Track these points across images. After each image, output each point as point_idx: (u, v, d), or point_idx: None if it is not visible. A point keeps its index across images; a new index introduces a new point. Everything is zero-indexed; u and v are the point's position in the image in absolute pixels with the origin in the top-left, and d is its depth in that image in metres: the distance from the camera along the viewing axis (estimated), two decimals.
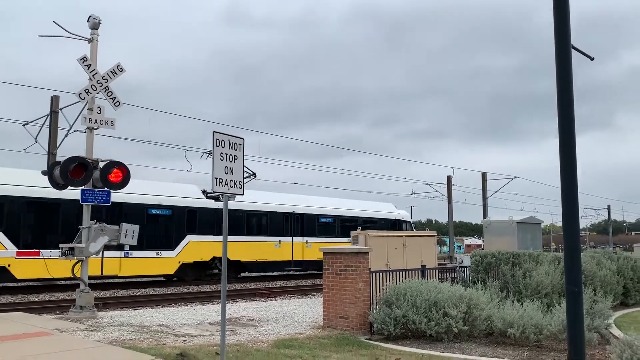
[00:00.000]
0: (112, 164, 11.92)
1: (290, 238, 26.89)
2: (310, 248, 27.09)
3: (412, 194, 45.48)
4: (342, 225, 29.35)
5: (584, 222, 53.80)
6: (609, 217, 72.35)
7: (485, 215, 38.76)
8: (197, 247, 23.19)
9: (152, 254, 21.89)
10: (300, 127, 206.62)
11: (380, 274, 10.50)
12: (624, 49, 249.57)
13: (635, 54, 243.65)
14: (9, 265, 18.28)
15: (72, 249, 11.54)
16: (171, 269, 22.45)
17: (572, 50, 4.36)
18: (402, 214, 33.73)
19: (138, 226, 12.24)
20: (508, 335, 8.96)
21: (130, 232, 11.88)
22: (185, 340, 8.68)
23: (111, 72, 12.32)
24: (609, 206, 72.15)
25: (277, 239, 26.41)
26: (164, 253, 22.19)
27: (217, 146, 6.54)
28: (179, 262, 22.63)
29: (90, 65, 12.05)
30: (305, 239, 27.39)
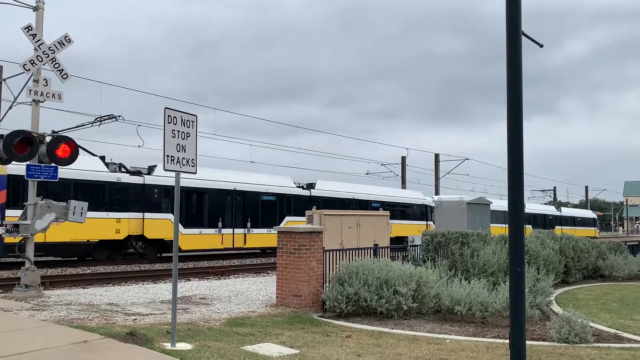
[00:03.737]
0: (60, 139, 11.51)
1: None
2: None
3: (367, 174, 45.92)
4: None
5: (531, 203, 56.17)
6: (555, 198, 75.35)
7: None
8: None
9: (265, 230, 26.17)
10: (256, 106, 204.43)
11: (334, 252, 10.62)
12: (568, 38, 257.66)
13: (578, 43, 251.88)
14: None
15: (16, 226, 11.15)
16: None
17: (523, 36, 4.46)
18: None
19: (87, 203, 11.93)
20: (455, 313, 9.26)
21: (78, 209, 11.55)
22: (136, 319, 8.58)
23: (58, 42, 11.82)
24: (554, 188, 75.26)
25: None
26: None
27: (168, 123, 6.41)
28: None
29: (36, 35, 11.52)
30: None
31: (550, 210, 53.83)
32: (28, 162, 11.25)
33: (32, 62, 11.49)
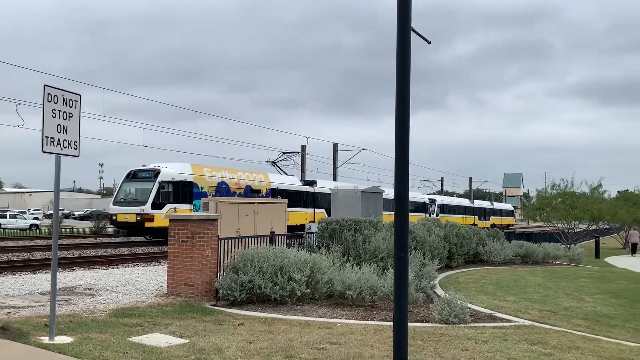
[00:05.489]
0: None
1: None
2: None
3: (267, 162, 45.82)
4: None
5: (420, 192, 59.85)
6: (442, 188, 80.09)
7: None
8: None
9: None
10: (151, 88, 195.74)
11: (229, 240, 10.50)
12: (455, 37, 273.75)
13: (464, 42, 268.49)
14: None
15: None
16: None
17: (412, 33, 4.62)
18: None
19: None
20: (347, 297, 9.54)
21: None
22: (10, 312, 7.95)
23: None
24: (442, 178, 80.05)
25: None
26: None
27: (48, 101, 5.95)
28: None
29: None
30: None
31: (488, 204, 69.04)
32: None
33: None
